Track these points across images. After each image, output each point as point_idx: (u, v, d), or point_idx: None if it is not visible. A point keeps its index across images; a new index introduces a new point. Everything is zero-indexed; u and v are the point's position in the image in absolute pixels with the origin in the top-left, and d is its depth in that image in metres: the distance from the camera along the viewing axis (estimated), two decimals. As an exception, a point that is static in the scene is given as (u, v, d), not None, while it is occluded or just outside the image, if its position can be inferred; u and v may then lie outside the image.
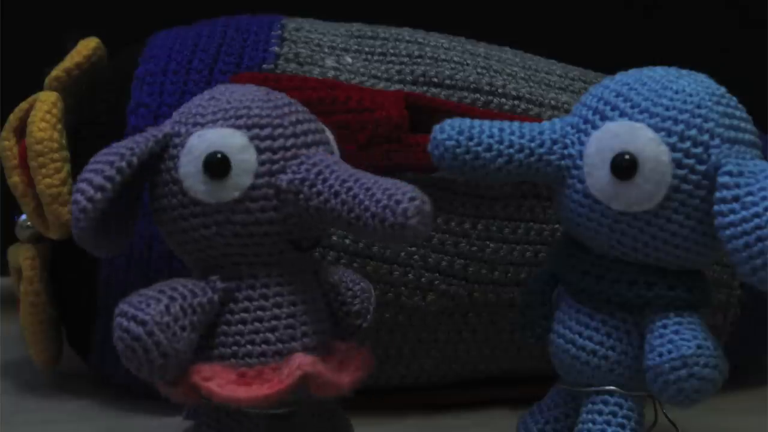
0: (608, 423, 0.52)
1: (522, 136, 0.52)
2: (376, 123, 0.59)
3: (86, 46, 0.64)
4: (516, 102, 0.63)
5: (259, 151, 0.49)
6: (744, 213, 0.48)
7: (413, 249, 0.60)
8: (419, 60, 0.63)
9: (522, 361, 0.63)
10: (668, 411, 0.54)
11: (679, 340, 0.50)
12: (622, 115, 0.51)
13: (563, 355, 0.53)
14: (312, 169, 0.49)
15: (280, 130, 0.49)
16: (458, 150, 0.52)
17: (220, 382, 0.48)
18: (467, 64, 0.63)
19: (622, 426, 0.52)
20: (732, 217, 0.49)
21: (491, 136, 0.52)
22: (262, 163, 0.49)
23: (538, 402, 0.56)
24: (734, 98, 0.52)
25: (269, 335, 0.49)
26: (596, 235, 0.52)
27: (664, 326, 0.51)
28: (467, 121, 0.52)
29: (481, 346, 0.62)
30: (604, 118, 0.51)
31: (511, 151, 0.52)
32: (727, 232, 0.49)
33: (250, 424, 0.50)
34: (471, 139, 0.52)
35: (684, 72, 0.52)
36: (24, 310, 0.61)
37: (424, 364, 0.63)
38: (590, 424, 0.52)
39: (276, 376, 0.49)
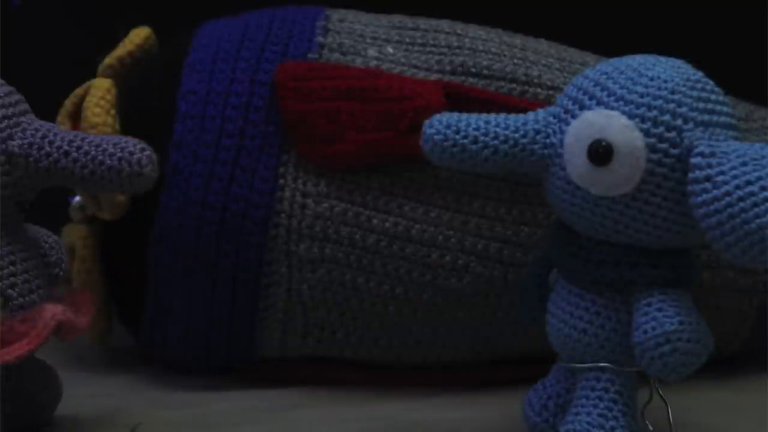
0: (600, 398, 0.53)
1: (506, 128, 0.53)
2: (415, 111, 0.60)
3: (138, 35, 0.66)
4: (551, 92, 0.63)
5: None
6: (716, 192, 0.49)
7: (450, 233, 0.62)
8: (458, 51, 0.64)
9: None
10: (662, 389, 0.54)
11: (662, 317, 0.51)
12: (599, 103, 0.52)
13: (557, 334, 0.55)
14: (36, 134, 0.53)
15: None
16: (446, 143, 0.53)
17: None
18: (504, 55, 0.64)
19: (614, 401, 0.53)
20: (704, 196, 0.50)
21: (477, 129, 0.53)
22: None
23: (542, 378, 0.57)
24: (710, 82, 0.52)
25: (10, 291, 0.53)
26: (580, 219, 0.53)
27: (649, 304, 0.52)
28: (455, 115, 0.54)
29: (514, 326, 0.63)
30: (582, 107, 0.52)
31: (496, 142, 0.53)
32: (701, 210, 0.50)
33: None
34: (458, 132, 0.53)
35: (661, 59, 0.53)
36: (77, 287, 0.63)
37: (460, 344, 0.64)
38: (584, 399, 0.54)
39: (30, 329, 0.52)
